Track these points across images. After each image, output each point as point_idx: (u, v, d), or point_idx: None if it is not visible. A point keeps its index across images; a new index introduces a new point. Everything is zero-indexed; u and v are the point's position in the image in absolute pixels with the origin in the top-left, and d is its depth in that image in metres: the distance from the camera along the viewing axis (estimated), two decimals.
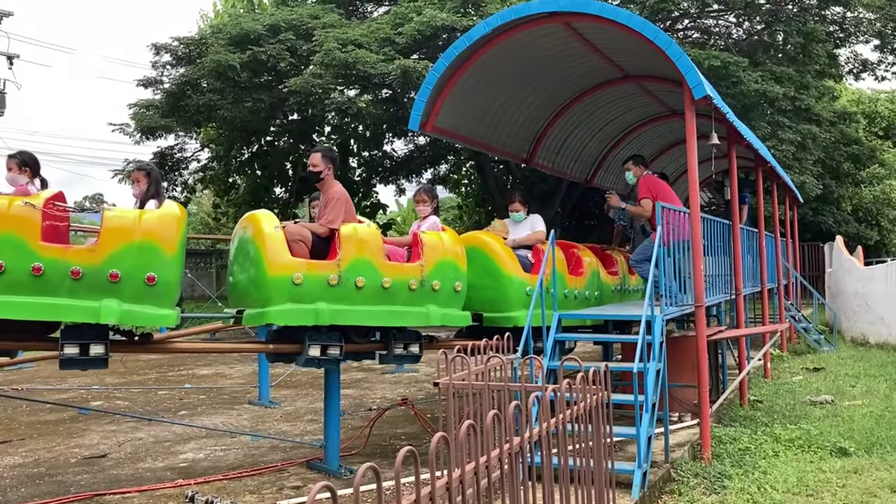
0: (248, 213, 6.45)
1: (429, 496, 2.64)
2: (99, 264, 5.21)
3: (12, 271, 5.00)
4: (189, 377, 12.31)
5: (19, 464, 6.96)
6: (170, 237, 5.47)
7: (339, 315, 6.05)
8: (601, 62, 8.64)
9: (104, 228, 5.32)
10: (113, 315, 5.22)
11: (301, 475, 6.35)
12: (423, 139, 22.62)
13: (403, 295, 6.36)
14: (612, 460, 4.48)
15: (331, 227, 6.25)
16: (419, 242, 6.65)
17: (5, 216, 5.04)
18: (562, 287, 7.60)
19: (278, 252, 5.89)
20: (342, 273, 6.06)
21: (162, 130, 20.59)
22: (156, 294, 5.39)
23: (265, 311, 5.83)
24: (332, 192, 6.48)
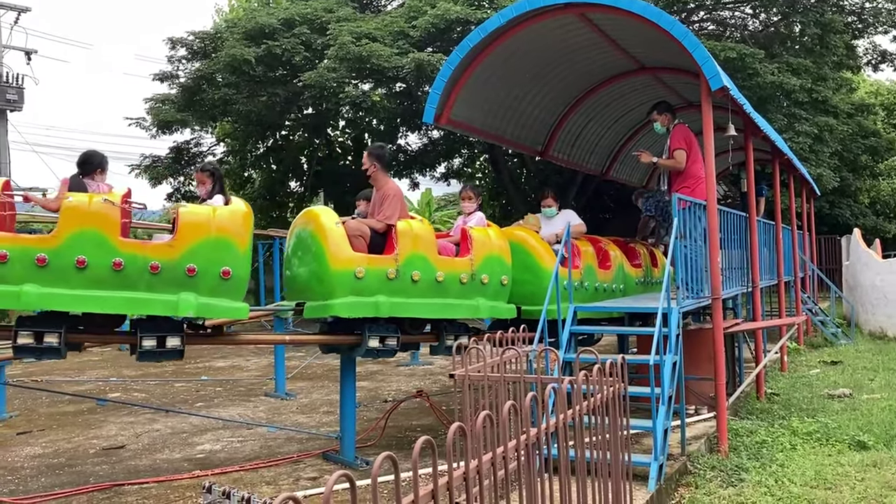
0: (307, 209, 6.64)
1: (446, 486, 2.65)
2: (177, 259, 5.37)
3: (94, 267, 5.17)
4: (206, 369, 12.39)
5: (39, 454, 7.04)
6: (242, 233, 5.68)
7: (397, 307, 6.26)
8: (617, 54, 8.59)
9: (180, 225, 5.48)
10: (191, 308, 5.38)
11: (317, 466, 6.38)
12: (437, 133, 22.60)
13: (455, 288, 6.58)
14: (628, 453, 4.47)
15: (388, 222, 6.46)
16: (468, 238, 6.84)
17: (86, 213, 5.21)
18: (592, 280, 7.80)
19: (341, 247, 6.08)
20: (399, 267, 6.27)
21: (178, 125, 20.68)
22: (230, 287, 5.59)
23: (329, 303, 6.02)
24: (386, 189, 6.67)
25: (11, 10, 25.85)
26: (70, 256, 5.14)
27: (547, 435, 3.48)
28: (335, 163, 25.01)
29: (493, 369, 4.91)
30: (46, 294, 5.09)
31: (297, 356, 13.01)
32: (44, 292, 5.08)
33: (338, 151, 25.63)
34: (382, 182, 6.79)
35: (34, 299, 5.07)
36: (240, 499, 5.13)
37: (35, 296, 5.06)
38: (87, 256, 5.16)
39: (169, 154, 22.62)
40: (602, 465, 4.00)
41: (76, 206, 5.26)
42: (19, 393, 9.96)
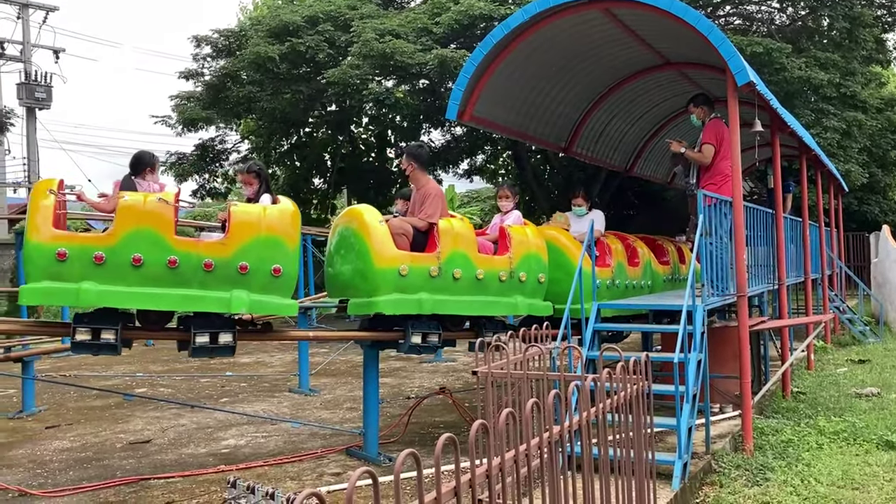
0: (350, 207, 6.74)
1: (468, 483, 2.65)
2: (229, 257, 5.49)
3: (150, 264, 5.29)
4: (230, 365, 12.49)
5: (68, 448, 7.14)
6: (291, 231, 5.80)
7: (440, 305, 6.37)
8: (641, 49, 8.53)
9: (233, 223, 5.58)
10: (243, 305, 5.51)
11: (341, 462, 6.41)
12: (460, 129, 22.58)
13: (494, 286, 6.67)
14: (652, 451, 4.44)
15: (430, 220, 6.56)
16: (506, 236, 6.92)
17: (142, 212, 5.34)
18: (623, 278, 7.86)
19: (385, 245, 6.17)
20: (441, 265, 6.37)
21: (203, 122, 20.84)
22: (280, 285, 5.71)
23: (374, 300, 6.10)
24: (427, 188, 6.77)
25: (40, 10, 26.18)
26: (126, 254, 5.26)
27: (570, 432, 3.47)
28: (358, 159, 25.07)
29: (516, 366, 4.90)
30: (104, 291, 5.23)
31: (321, 352, 13.08)
32: (101, 290, 5.22)
33: (361, 148, 25.69)
34: (423, 181, 6.89)
35: (92, 296, 5.21)
36: (264, 494, 5.17)
37: (93, 293, 5.19)
38: (143, 254, 5.28)
39: (194, 151, 22.81)
40: (626, 464, 3.98)
41: (132, 206, 5.38)
42: (48, 387, 10.10)
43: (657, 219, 19.00)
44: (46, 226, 5.23)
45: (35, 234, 5.20)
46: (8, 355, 8.58)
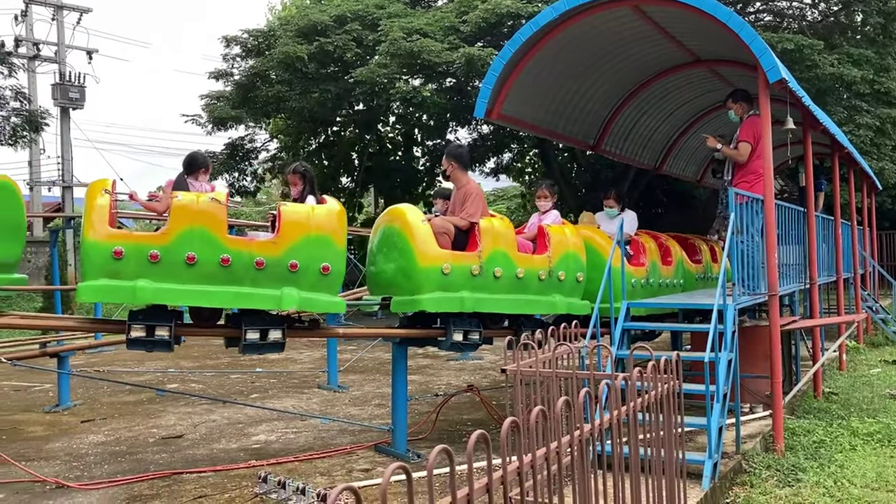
0: (392, 206, 6.83)
1: (500, 480, 2.66)
2: (280, 255, 5.61)
3: (203, 263, 5.41)
4: (260, 361, 12.61)
5: (102, 441, 7.26)
6: (338, 230, 5.91)
7: (481, 303, 6.43)
8: (671, 46, 8.48)
9: (283, 223, 5.70)
10: (294, 302, 5.62)
11: (370, 458, 6.46)
12: (487, 128, 22.57)
13: (534, 285, 6.72)
14: (682, 450, 4.43)
15: (471, 220, 6.63)
16: (545, 235, 6.98)
17: (196, 212, 5.46)
18: (657, 277, 7.90)
19: (428, 244, 6.25)
20: (483, 264, 6.43)
21: (232, 121, 21.06)
22: (329, 282, 5.82)
23: (417, 298, 6.19)
24: (467, 188, 6.84)
25: (74, 11, 26.59)
26: (181, 253, 5.38)
27: (601, 431, 3.47)
28: (385, 158, 25.17)
29: (544, 365, 4.91)
30: (159, 289, 5.35)
31: (349, 349, 13.16)
32: (157, 287, 5.34)
33: (388, 147, 25.79)
34: (463, 181, 6.95)
35: (148, 294, 5.32)
36: (295, 489, 5.24)
37: (149, 291, 5.31)
38: (197, 253, 5.40)
39: (224, 150, 23.04)
40: (656, 463, 3.97)
41: (185, 205, 5.49)
42: (82, 382, 10.27)
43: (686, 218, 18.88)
44: (103, 225, 5.35)
45: (92, 232, 5.31)
46: (44, 350, 8.74)
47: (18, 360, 7.75)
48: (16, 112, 17.79)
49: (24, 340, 12.13)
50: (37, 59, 26.13)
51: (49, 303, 16.24)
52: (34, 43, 26.16)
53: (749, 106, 7.63)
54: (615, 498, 3.54)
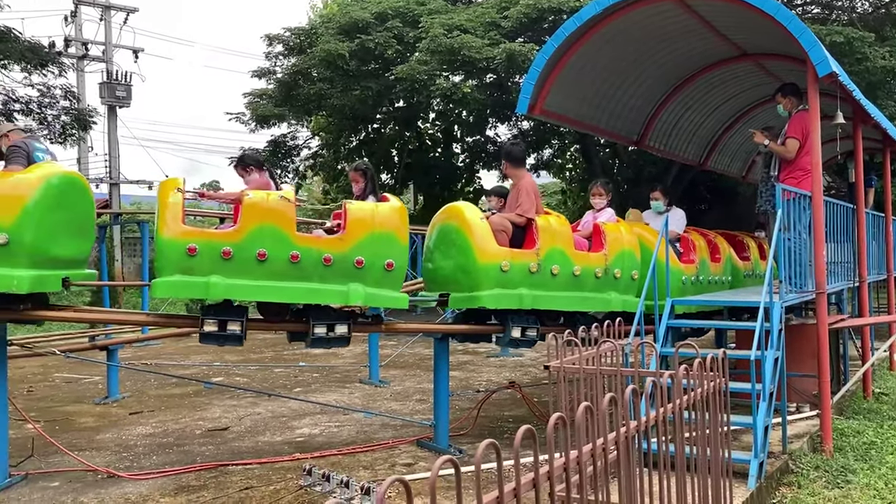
0: (449, 204, 6.92)
1: (546, 476, 2.67)
2: (346, 252, 5.75)
3: (274, 259, 5.54)
4: (303, 356, 12.76)
5: (150, 433, 7.42)
6: (401, 227, 6.02)
7: (539, 300, 6.50)
8: (716, 40, 8.36)
9: (349, 220, 5.83)
10: (359, 297, 5.77)
11: (412, 453, 6.50)
12: (527, 123, 22.47)
13: (590, 282, 6.78)
14: (728, 449, 4.38)
15: (526, 216, 6.71)
16: (601, 233, 7.04)
17: (267, 209, 5.60)
18: (707, 274, 7.91)
19: (487, 241, 6.34)
20: (541, 261, 6.50)
21: (275, 119, 21.28)
22: (392, 278, 5.95)
23: (476, 295, 6.27)
24: (521, 184, 6.90)
25: (121, 11, 27.10)
26: (252, 249, 5.50)
27: (647, 428, 3.45)
28: (425, 155, 25.23)
29: (588, 362, 4.89)
30: (232, 285, 5.48)
31: (390, 345, 13.24)
32: (229, 283, 5.47)
33: (427, 143, 25.85)
34: (518, 177, 7.01)
35: (221, 290, 5.46)
36: (339, 482, 5.30)
37: (221, 286, 5.45)
38: (268, 250, 5.52)
39: (266, 147, 23.31)
40: (701, 461, 3.93)
41: (256, 203, 5.61)
42: (130, 375, 10.50)
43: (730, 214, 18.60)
44: (176, 222, 5.48)
45: (167, 230, 5.44)
46: (94, 343, 8.95)
47: (71, 352, 7.95)
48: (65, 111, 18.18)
49: (75, 333, 12.43)
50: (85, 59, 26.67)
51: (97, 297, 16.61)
52: (83, 43, 26.71)
53: (798, 100, 7.47)
54: (660, 496, 3.52)
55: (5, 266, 5.09)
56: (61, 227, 5.45)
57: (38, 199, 5.22)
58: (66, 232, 5.52)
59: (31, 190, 5.22)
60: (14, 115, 17.10)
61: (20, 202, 5.15)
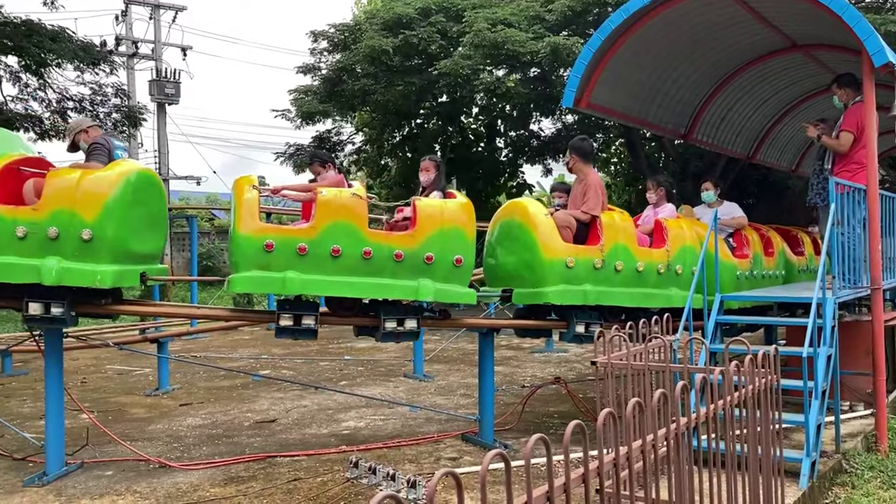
0: (512, 200, 7.02)
1: (596, 471, 2.66)
2: (416, 248, 5.84)
3: (347, 255, 5.66)
4: (348, 349, 12.87)
5: (200, 424, 7.56)
6: (469, 223, 6.09)
7: (603, 296, 6.56)
8: (767, 31, 8.20)
9: (419, 217, 5.92)
10: (429, 293, 5.85)
11: (457, 447, 6.52)
12: (572, 117, 22.28)
13: (653, 278, 6.81)
14: (779, 447, 4.31)
15: (592, 213, 6.76)
16: (663, 229, 7.07)
17: (340, 207, 5.71)
18: (760, 268, 7.88)
19: (552, 237, 6.40)
20: (605, 257, 6.55)
21: (320, 115, 21.43)
22: (461, 274, 6.03)
23: (541, 290, 6.33)
24: (588, 181, 6.94)
25: (170, 10, 27.59)
26: (327, 246, 5.61)
27: (697, 425, 3.41)
28: (468, 150, 25.18)
29: (636, 358, 4.85)
30: (307, 280, 5.60)
31: (433, 339, 13.28)
32: (305, 278, 5.59)
33: (470, 138, 25.79)
34: (584, 174, 7.04)
35: (297, 285, 5.58)
36: (385, 474, 5.34)
37: (297, 282, 5.57)
38: (342, 246, 5.63)
39: (311, 143, 23.50)
40: (752, 459, 3.87)
41: (330, 201, 5.71)
42: (179, 367, 10.71)
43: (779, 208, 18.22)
44: (253, 219, 5.61)
45: (244, 226, 5.57)
46: (145, 336, 9.15)
47: (123, 344, 8.14)
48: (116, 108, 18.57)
49: (126, 326, 12.75)
50: (135, 57, 27.22)
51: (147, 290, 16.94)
52: (133, 41, 27.27)
53: (855, 92, 7.23)
54: (711, 493, 3.47)
55: (89, 261, 5.24)
56: (139, 223, 5.61)
57: (118, 196, 5.36)
58: (143, 227, 5.68)
59: (111, 187, 5.36)
60: (68, 112, 17.53)
61: (102, 199, 5.30)
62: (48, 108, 17.29)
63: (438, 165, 6.85)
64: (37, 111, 16.97)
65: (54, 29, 15.85)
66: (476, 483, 5.36)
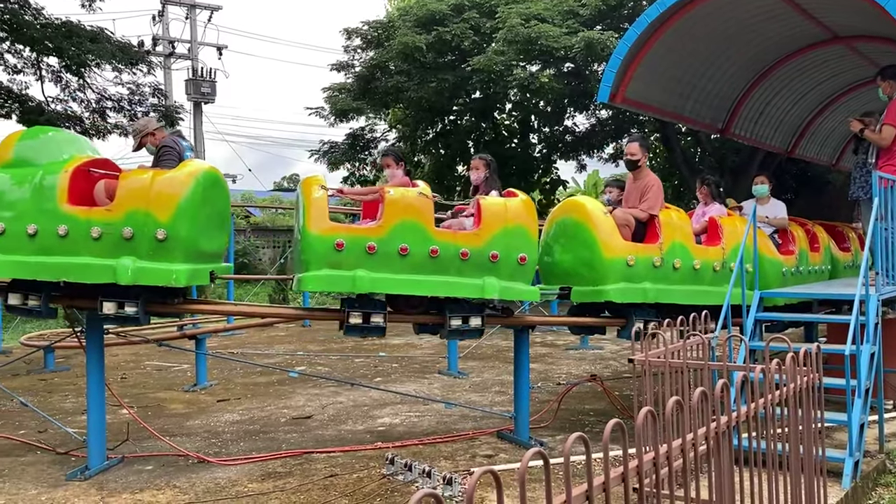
0: (570, 198, 7.06)
1: (636, 470, 2.63)
2: (481, 246, 5.89)
3: (415, 254, 5.74)
4: (382, 346, 12.92)
5: (237, 420, 7.64)
6: (531, 222, 6.13)
7: (662, 293, 6.59)
8: (806, 23, 8.06)
9: (484, 215, 5.98)
10: (495, 291, 5.89)
11: (492, 444, 6.51)
12: (606, 113, 22.11)
13: (709, 275, 6.83)
14: (822, 447, 4.23)
15: (651, 212, 6.80)
16: (718, 227, 7.10)
17: (408, 206, 5.80)
18: (806, 265, 7.85)
19: (612, 236, 6.45)
20: (664, 255, 6.58)
21: (354, 112, 21.53)
22: (524, 272, 6.06)
23: (602, 289, 6.39)
24: (649, 180, 6.99)
25: (206, 10, 27.91)
26: (395, 244, 5.68)
27: (738, 424, 3.37)
28: (501, 146, 25.10)
29: (674, 355, 4.79)
30: (377, 278, 5.67)
31: None
32: (374, 277, 5.66)
33: (504, 134, 25.72)
34: (645, 172, 7.09)
35: (366, 283, 5.65)
36: (420, 471, 5.35)
37: (367, 280, 5.64)
38: (409, 244, 5.70)
39: (345, 140, 23.62)
40: (794, 459, 3.81)
41: (398, 200, 5.78)
42: (217, 364, 10.83)
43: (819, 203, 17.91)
44: (324, 218, 5.68)
45: (315, 226, 5.64)
46: (184, 333, 9.27)
47: (162, 341, 8.25)
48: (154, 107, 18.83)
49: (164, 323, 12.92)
50: (172, 57, 27.59)
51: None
52: (170, 41, 27.63)
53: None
54: (752, 493, 3.42)
55: (164, 261, 5.33)
56: (208, 222, 5.70)
57: (189, 196, 5.44)
58: (211, 226, 5.77)
59: (183, 187, 5.45)
60: (107, 112, 17.82)
61: (175, 199, 5.38)
62: (87, 108, 17.58)
63: (489, 164, 6.79)
64: (76, 111, 17.26)
65: (93, 30, 16.12)
66: (512, 481, 5.34)
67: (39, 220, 5.31)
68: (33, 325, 15.78)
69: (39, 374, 10.53)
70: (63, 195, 5.35)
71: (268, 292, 20.56)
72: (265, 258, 28.97)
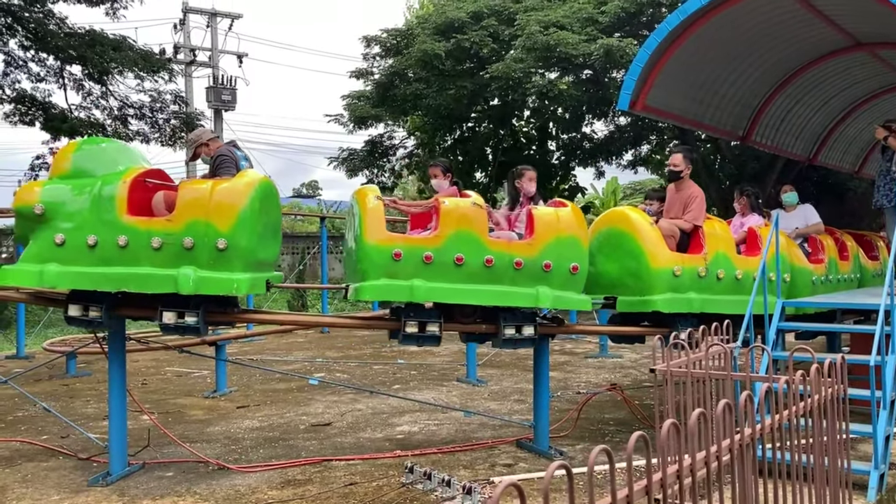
0: (614, 209, 7.17)
1: (659, 482, 2.61)
2: (535, 256, 5.95)
3: (470, 264, 5.80)
4: (401, 353, 12.92)
5: (257, 427, 7.67)
6: (582, 232, 6.19)
7: (707, 303, 6.64)
8: (829, 30, 8.00)
9: (537, 225, 6.04)
10: (548, 300, 5.96)
11: (511, 453, 6.48)
12: (625, 119, 22.04)
13: (750, 285, 6.76)
14: (847, 459, 4.18)
15: (695, 223, 6.88)
16: (757, 237, 7.15)
17: (462, 216, 5.86)
18: (835, 273, 7.86)
19: (659, 247, 6.51)
20: (708, 266, 6.64)
21: (372, 120, 21.60)
22: (576, 281, 6.13)
23: (649, 299, 6.45)
24: (693, 191, 7.08)
25: (226, 18, 28.15)
26: (450, 254, 5.75)
27: (762, 435, 3.33)
28: (519, 153, 25.06)
29: (695, 365, 4.76)
30: (433, 288, 5.74)
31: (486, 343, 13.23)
32: (430, 286, 5.73)
33: (522, 141, 25.69)
34: (689, 183, 7.17)
35: (423, 292, 5.72)
36: (440, 480, 5.34)
37: (423, 289, 5.71)
38: (465, 254, 5.76)
39: (364, 147, 23.69)
40: (818, 471, 3.76)
41: (452, 210, 5.84)
42: (236, 370, 10.88)
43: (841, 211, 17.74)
44: (381, 228, 5.75)
45: (371, 236, 5.70)
46: (204, 339, 9.30)
47: (183, 347, 8.30)
48: (175, 115, 18.99)
49: None
50: (193, 64, 27.83)
51: None
52: (191, 49, 27.88)
53: None
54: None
55: (225, 270, 5.38)
56: (264, 231, 5.76)
57: (248, 206, 5.49)
58: (267, 235, 5.84)
59: (242, 197, 5.50)
60: (128, 119, 18.00)
61: (235, 209, 5.43)
62: (110, 115, 17.77)
63: (534, 176, 6.99)
64: (99, 118, 17.44)
65: (116, 38, 16.30)
66: (532, 491, 5.32)
67: (99, 231, 5.35)
68: (55, 331, 15.94)
69: (61, 380, 10.63)
70: (122, 206, 5.39)
71: (286, 298, 20.63)
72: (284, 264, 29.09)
